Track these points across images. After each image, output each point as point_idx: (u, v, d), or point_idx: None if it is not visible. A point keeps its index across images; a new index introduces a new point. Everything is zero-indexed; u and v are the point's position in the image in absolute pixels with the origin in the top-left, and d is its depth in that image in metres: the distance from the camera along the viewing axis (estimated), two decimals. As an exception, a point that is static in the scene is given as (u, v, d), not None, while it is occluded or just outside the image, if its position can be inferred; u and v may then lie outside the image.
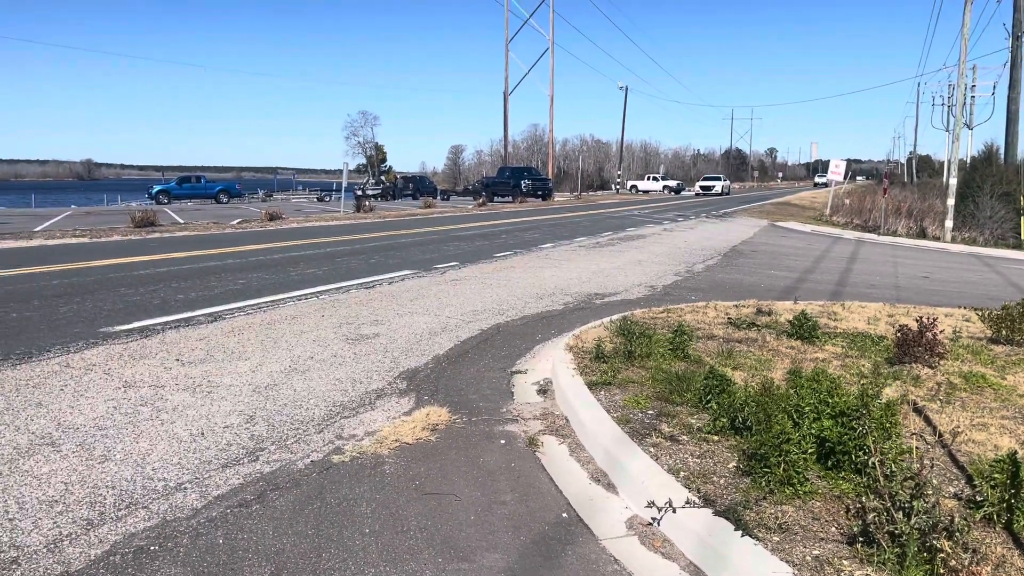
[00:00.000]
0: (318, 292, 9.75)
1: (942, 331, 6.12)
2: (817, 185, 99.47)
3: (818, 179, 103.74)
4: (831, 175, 36.71)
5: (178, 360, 6.21)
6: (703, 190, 65.42)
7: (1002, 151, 32.23)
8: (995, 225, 26.56)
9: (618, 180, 74.64)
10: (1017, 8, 29.98)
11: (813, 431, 3.77)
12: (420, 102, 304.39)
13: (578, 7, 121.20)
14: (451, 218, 27.11)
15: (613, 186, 75.42)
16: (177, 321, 7.73)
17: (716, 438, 4.24)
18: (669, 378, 5.26)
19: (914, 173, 79.59)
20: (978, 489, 3.35)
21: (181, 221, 23.97)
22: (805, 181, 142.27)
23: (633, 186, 70.79)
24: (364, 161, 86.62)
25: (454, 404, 5.26)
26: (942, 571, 2.68)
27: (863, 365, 5.90)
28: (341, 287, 10.20)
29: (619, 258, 14.98)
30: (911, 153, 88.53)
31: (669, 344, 6.07)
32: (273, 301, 9.00)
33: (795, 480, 3.49)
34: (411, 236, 18.89)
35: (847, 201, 38.20)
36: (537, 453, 4.41)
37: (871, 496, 3.16)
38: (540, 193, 45.71)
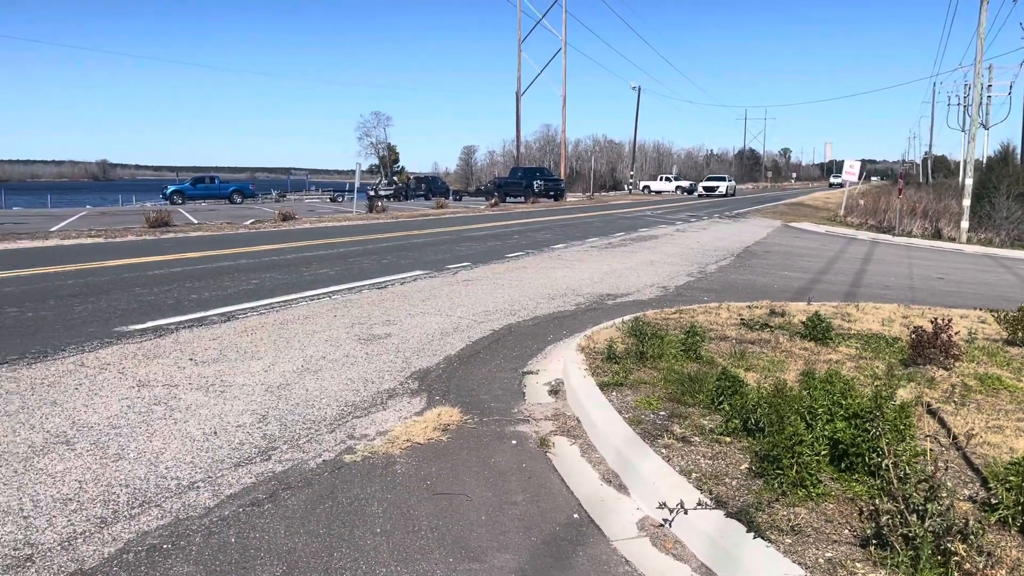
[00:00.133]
0: (330, 292, 9.78)
1: (957, 332, 6.07)
2: (832, 185, 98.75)
3: (833, 179, 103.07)
4: (845, 175, 36.48)
5: (191, 360, 6.25)
6: (706, 191, 61.44)
7: (1019, 151, 32.05)
8: (1011, 226, 26.33)
9: (631, 180, 74.48)
10: (1034, 7, 29.68)
11: (826, 433, 3.75)
12: (433, 103, 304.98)
13: (591, 7, 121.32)
14: (463, 218, 27.14)
15: (626, 186, 75.25)
16: (191, 321, 7.77)
17: (728, 439, 4.22)
18: (681, 379, 5.24)
19: (929, 173, 79.02)
20: (993, 492, 3.33)
21: (195, 221, 24.11)
22: (819, 181, 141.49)
23: (646, 187, 70.58)
24: (377, 162, 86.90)
25: (466, 404, 5.26)
26: (956, 574, 2.66)
27: (877, 367, 5.86)
28: (353, 287, 10.23)
29: (631, 259, 14.95)
30: (926, 153, 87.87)
31: (681, 345, 6.05)
32: (286, 301, 9.04)
33: (808, 482, 3.47)
34: (423, 236, 18.92)
35: (861, 202, 37.97)
36: (548, 454, 4.41)
37: (885, 498, 3.14)
38: (552, 193, 45.67)
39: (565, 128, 55.66)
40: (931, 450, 3.69)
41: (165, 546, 3.22)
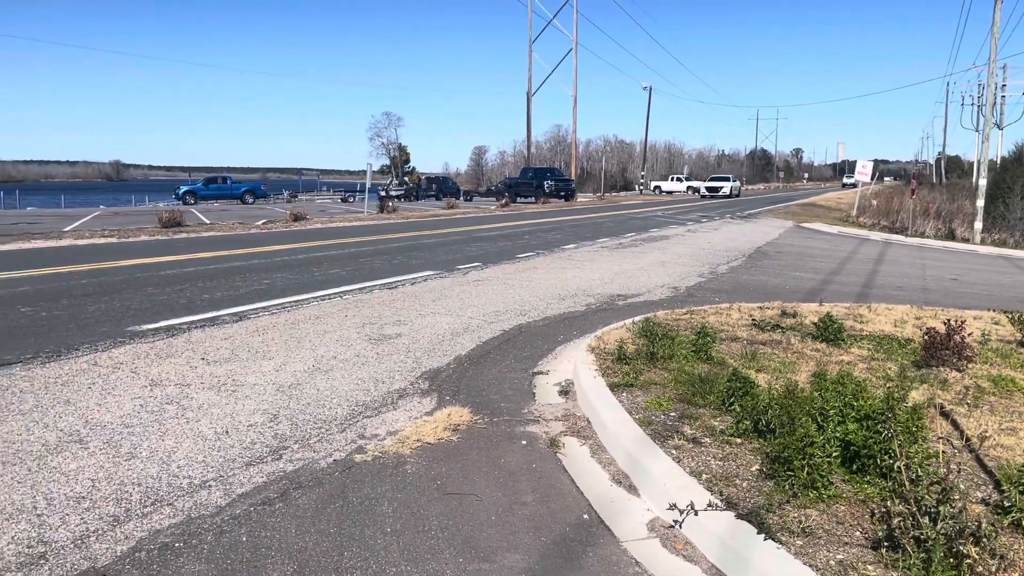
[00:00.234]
0: (341, 292, 9.81)
1: (970, 334, 6.03)
2: (845, 186, 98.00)
3: (846, 180, 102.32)
4: (858, 176, 36.29)
5: (203, 359, 6.28)
6: (709, 192, 58.74)
7: (1033, 151, 31.70)
8: (1026, 227, 26.13)
9: (642, 181, 74.36)
10: (1049, 6, 29.45)
11: (838, 434, 3.74)
12: (444, 103, 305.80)
13: (602, 7, 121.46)
14: (474, 219, 27.17)
15: (636, 187, 75.12)
16: (203, 320, 7.82)
17: (739, 441, 4.21)
18: (692, 380, 5.23)
19: (943, 174, 78.47)
20: (1006, 494, 3.30)
21: (207, 221, 24.23)
22: (831, 182, 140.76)
23: (657, 187, 70.45)
24: (388, 162, 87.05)
25: (476, 405, 5.27)
26: (969, 577, 2.64)
27: (889, 368, 5.83)
28: (364, 287, 10.25)
29: (642, 259, 14.92)
30: (940, 153, 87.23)
31: (692, 346, 6.04)
32: (297, 301, 9.07)
33: (819, 483, 3.46)
34: (434, 237, 18.95)
35: (874, 202, 37.77)
36: (558, 454, 4.41)
37: (896, 500, 3.13)
38: (563, 194, 45.65)
39: (576, 128, 55.79)
40: (943, 452, 3.67)
41: (177, 544, 3.24)
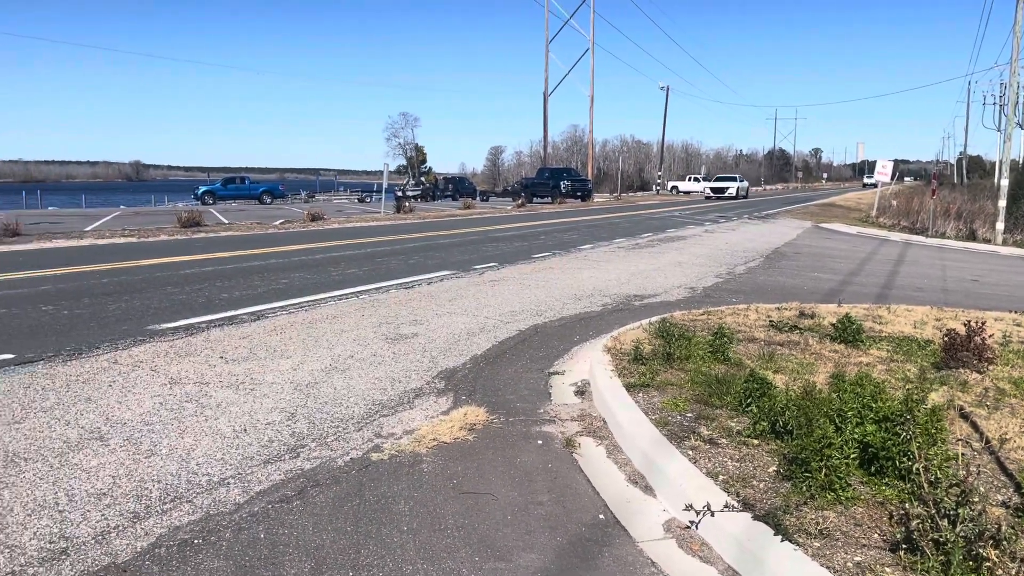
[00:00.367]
0: (358, 292, 9.85)
1: (991, 335, 5.97)
2: (866, 186, 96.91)
3: (866, 180, 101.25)
4: (878, 176, 36.02)
5: (222, 358, 6.33)
6: (715, 192, 53.78)
7: (1057, 151, 31.29)
8: (1049, 228, 25.79)
9: (659, 181, 74.12)
10: (1073, 4, 29.06)
11: (856, 436, 3.71)
12: (460, 103, 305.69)
13: (619, 7, 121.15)
14: (490, 219, 27.20)
15: (653, 187, 74.91)
16: (221, 319, 7.88)
17: (756, 442, 4.19)
18: (708, 381, 5.22)
19: (964, 174, 77.64)
20: (1027, 498, 3.27)
21: (226, 221, 24.41)
22: (851, 182, 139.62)
23: (674, 187, 70.22)
24: (404, 162, 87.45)
25: (492, 404, 5.28)
26: (989, 581, 2.62)
27: (909, 370, 5.79)
28: (381, 287, 10.30)
29: (659, 260, 14.88)
30: (961, 153, 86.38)
31: (709, 346, 6.02)
32: (314, 300, 9.12)
33: (837, 485, 3.44)
34: (450, 237, 18.98)
35: (894, 202, 37.40)
36: (574, 454, 4.41)
37: (915, 503, 3.11)
38: (579, 194, 45.59)
39: (592, 128, 55.64)
40: (963, 454, 3.64)
41: (196, 541, 3.28)
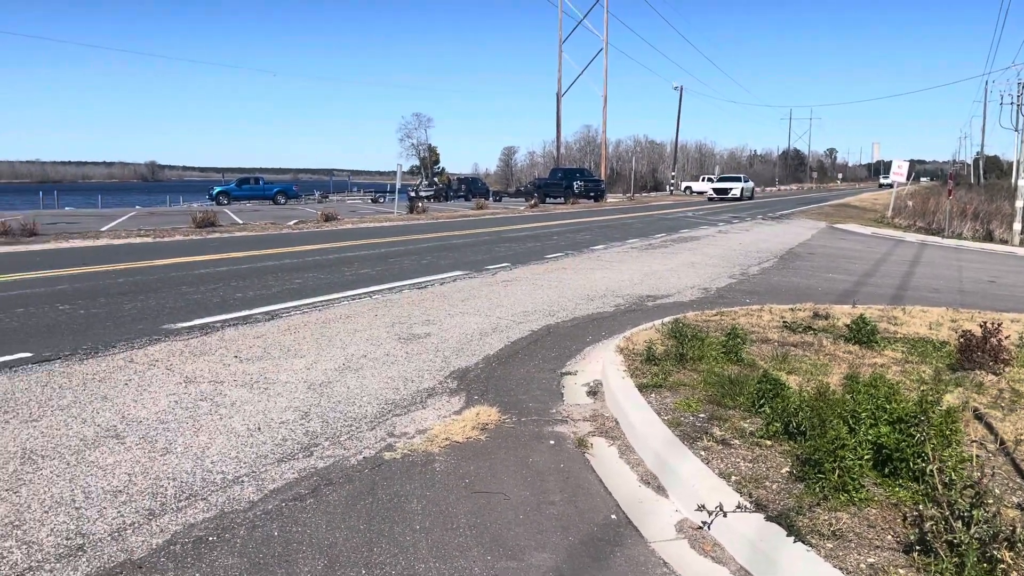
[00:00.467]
0: (371, 292, 9.89)
1: (1007, 337, 5.93)
2: (882, 186, 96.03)
3: (882, 180, 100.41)
4: (894, 176, 35.73)
5: (236, 357, 6.38)
6: (717, 194, 50.14)
7: (1075, 151, 30.98)
8: (1067, 228, 25.50)
9: (672, 181, 73.89)
10: (1092, 2, 28.77)
11: (870, 437, 3.70)
12: (473, 104, 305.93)
13: (633, 7, 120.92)
14: (503, 219, 27.21)
15: (667, 187, 74.68)
16: (236, 319, 7.93)
17: (769, 443, 4.18)
18: (721, 381, 5.20)
19: (981, 174, 76.99)
20: (1043, 500, 3.25)
21: (240, 222, 24.55)
22: (866, 182, 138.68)
23: (687, 187, 70.00)
24: (418, 163, 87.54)
25: (504, 404, 5.29)
26: (1003, 583, 2.60)
27: (924, 371, 5.75)
28: (394, 287, 10.33)
29: (672, 260, 14.84)
30: (978, 153, 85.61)
31: (722, 347, 6.00)
32: (328, 300, 9.16)
33: (850, 486, 3.42)
34: (463, 237, 19.01)
35: (910, 203, 37.15)
36: (586, 454, 4.41)
37: (929, 504, 3.09)
38: (592, 194, 45.50)
39: (605, 128, 55.53)
40: (978, 456, 3.62)
41: (211, 538, 3.30)
